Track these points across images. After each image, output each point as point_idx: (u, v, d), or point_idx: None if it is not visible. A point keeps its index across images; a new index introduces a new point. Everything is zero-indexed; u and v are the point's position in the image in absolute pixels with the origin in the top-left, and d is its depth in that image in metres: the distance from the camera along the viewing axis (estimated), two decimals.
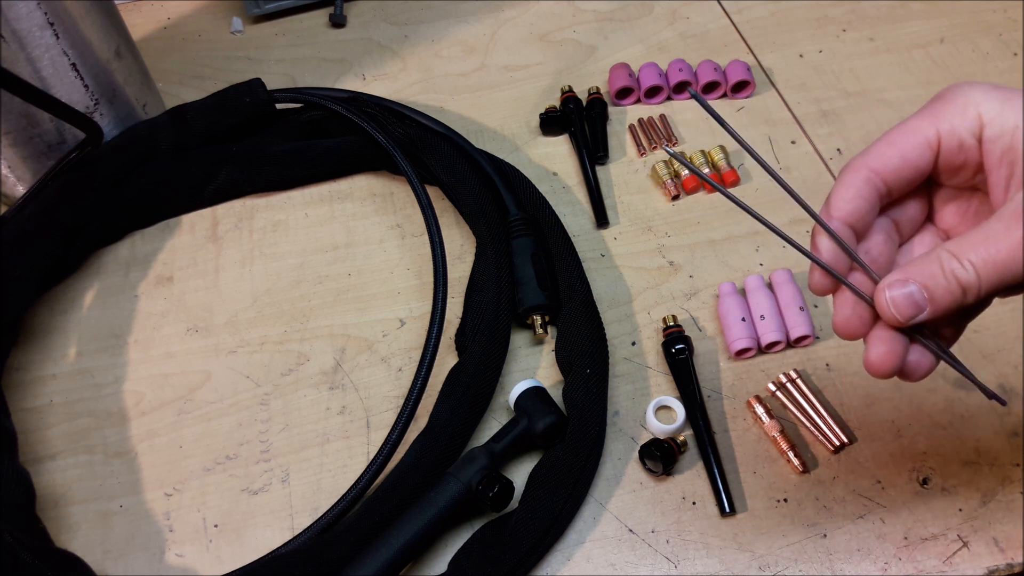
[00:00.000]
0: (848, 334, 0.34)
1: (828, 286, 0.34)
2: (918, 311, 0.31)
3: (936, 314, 0.31)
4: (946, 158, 0.33)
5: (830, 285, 0.34)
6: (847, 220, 0.33)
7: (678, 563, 0.44)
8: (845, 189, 0.33)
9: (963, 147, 0.32)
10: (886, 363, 0.33)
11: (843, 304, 0.34)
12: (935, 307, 0.31)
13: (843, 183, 0.34)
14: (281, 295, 0.55)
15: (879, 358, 0.33)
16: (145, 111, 0.61)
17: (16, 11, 0.49)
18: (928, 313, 0.31)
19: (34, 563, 0.41)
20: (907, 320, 0.32)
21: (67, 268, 0.56)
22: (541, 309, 0.51)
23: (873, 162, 0.33)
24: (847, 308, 0.34)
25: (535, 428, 0.46)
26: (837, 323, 0.34)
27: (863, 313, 0.33)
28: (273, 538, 0.46)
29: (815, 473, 0.46)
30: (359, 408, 0.50)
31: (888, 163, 0.33)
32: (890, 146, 0.33)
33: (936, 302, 0.31)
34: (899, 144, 0.33)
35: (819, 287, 0.34)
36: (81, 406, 0.51)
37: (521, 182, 0.57)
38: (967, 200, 0.35)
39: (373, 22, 0.72)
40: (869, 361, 0.33)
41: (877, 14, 0.69)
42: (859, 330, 0.34)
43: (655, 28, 0.69)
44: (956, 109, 0.32)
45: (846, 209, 0.33)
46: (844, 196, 0.33)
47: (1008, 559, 0.43)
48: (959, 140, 0.32)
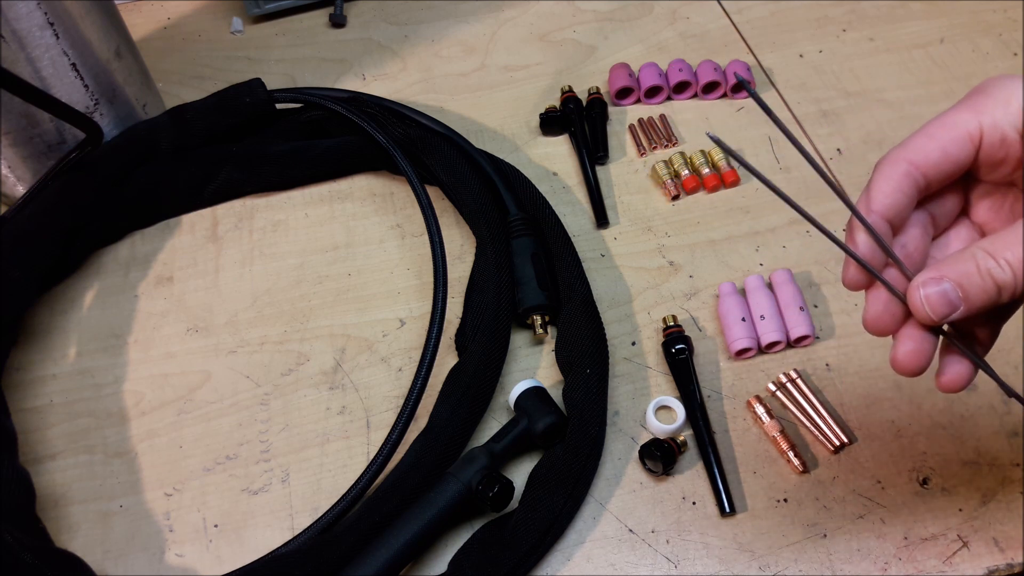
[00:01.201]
0: (878, 330, 0.33)
1: (862, 281, 0.33)
2: (952, 309, 0.31)
3: (970, 312, 0.31)
4: (987, 152, 0.32)
5: (864, 280, 0.33)
6: (885, 215, 0.32)
7: (678, 563, 0.44)
8: (884, 182, 0.32)
9: (1005, 141, 0.31)
10: (914, 361, 0.32)
11: (875, 300, 0.33)
12: (969, 305, 0.30)
13: (882, 176, 0.32)
14: (281, 295, 0.55)
15: (906, 356, 0.32)
16: (145, 111, 0.61)
17: (16, 11, 0.49)
18: (962, 312, 0.31)
19: (34, 563, 0.41)
20: (940, 318, 0.31)
21: (67, 268, 0.56)
22: (541, 309, 0.51)
23: (913, 155, 0.32)
24: (879, 304, 0.33)
25: (535, 428, 0.46)
26: (868, 319, 0.33)
27: (895, 310, 0.33)
28: (273, 538, 0.46)
29: (815, 473, 0.46)
30: (359, 408, 0.50)
31: (928, 157, 0.32)
32: (930, 139, 0.32)
33: (971, 300, 0.30)
34: (939, 137, 0.32)
35: (853, 282, 0.34)
36: (81, 406, 0.51)
37: (521, 182, 0.57)
38: (1003, 196, 0.35)
39: (373, 22, 0.72)
40: (897, 359, 0.32)
41: (877, 14, 0.69)
42: (889, 327, 0.33)
43: (655, 28, 0.69)
44: (999, 102, 0.31)
45: (885, 203, 0.32)
46: (883, 190, 0.32)
47: (1008, 559, 0.43)
48: (1001, 134, 0.31)
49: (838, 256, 0.55)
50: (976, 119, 0.31)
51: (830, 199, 0.58)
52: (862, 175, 0.59)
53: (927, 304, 0.31)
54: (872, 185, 0.33)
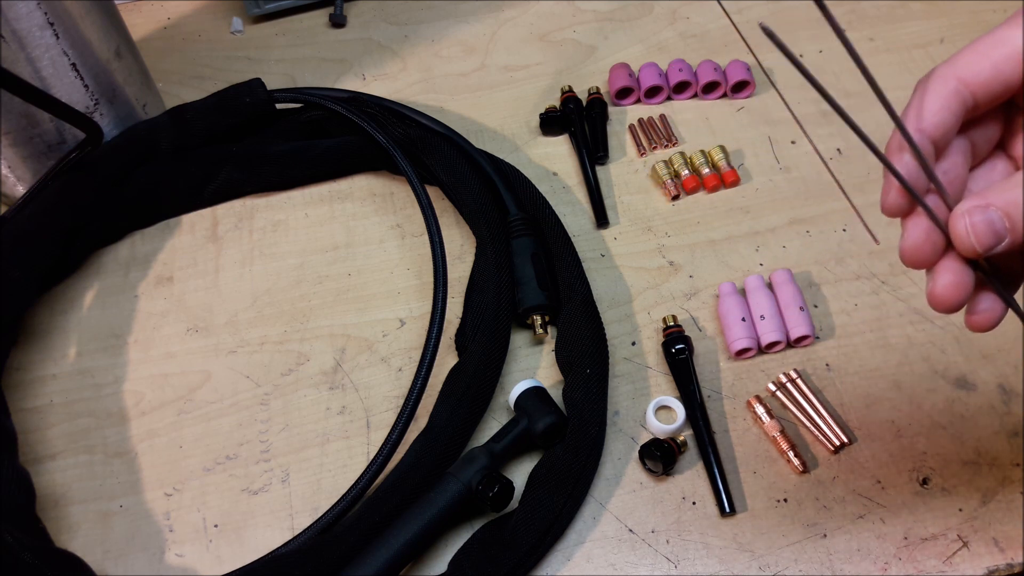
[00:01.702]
0: (916, 261, 0.31)
1: (905, 206, 0.31)
2: (998, 240, 0.29)
3: (1016, 244, 0.29)
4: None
5: (906, 205, 0.31)
6: (932, 134, 0.30)
7: (678, 563, 0.44)
8: (933, 99, 0.30)
9: None
10: (953, 295, 0.30)
11: (915, 227, 0.31)
12: (1015, 236, 0.28)
13: (931, 92, 0.30)
14: (281, 295, 0.55)
15: (945, 289, 0.30)
16: (145, 111, 0.61)
17: (16, 11, 0.49)
18: (1008, 243, 0.29)
19: (34, 563, 0.41)
20: (985, 249, 0.29)
21: (67, 268, 0.56)
22: (541, 309, 0.51)
23: (963, 71, 0.30)
24: (920, 232, 0.30)
25: (535, 428, 0.46)
26: (906, 248, 0.31)
27: (936, 239, 0.30)
28: (273, 538, 0.46)
29: (815, 473, 0.46)
30: (359, 408, 0.50)
31: (979, 74, 0.30)
32: (981, 56, 0.30)
33: (1017, 231, 0.28)
34: (990, 54, 0.30)
35: (895, 206, 0.31)
36: (81, 406, 0.51)
37: (521, 182, 0.57)
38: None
39: (373, 22, 0.72)
40: (935, 293, 0.30)
41: (877, 14, 0.69)
42: (929, 258, 0.31)
43: (655, 28, 0.69)
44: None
45: (932, 121, 0.30)
46: (932, 108, 0.30)
47: (1008, 559, 0.43)
48: None
49: (838, 256, 0.55)
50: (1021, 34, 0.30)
51: (832, 198, 0.58)
52: (861, 175, 0.59)
53: (972, 232, 0.29)
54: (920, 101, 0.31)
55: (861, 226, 0.56)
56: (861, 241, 0.55)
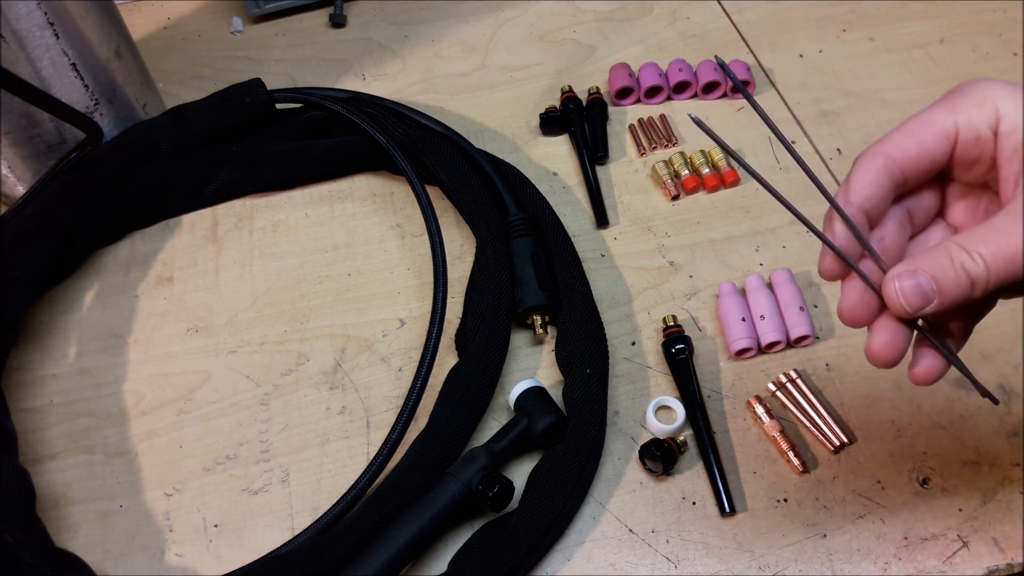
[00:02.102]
0: (853, 321, 0.34)
1: (838, 271, 0.34)
2: (926, 302, 0.31)
3: (943, 306, 0.31)
4: (962, 151, 0.33)
5: (840, 270, 0.34)
6: (863, 206, 0.33)
7: (678, 563, 0.44)
8: (863, 175, 0.33)
9: (980, 140, 0.32)
10: (888, 352, 0.33)
11: (851, 291, 0.33)
12: (943, 299, 0.31)
13: (861, 169, 0.33)
14: (281, 295, 0.55)
15: (881, 347, 0.33)
16: (145, 111, 0.61)
17: (16, 11, 0.49)
18: (936, 305, 0.31)
19: (34, 563, 0.41)
20: (915, 311, 0.31)
21: (67, 268, 0.56)
22: (541, 309, 0.51)
23: (892, 150, 0.33)
24: (855, 295, 0.33)
25: (535, 428, 0.46)
26: (843, 309, 0.34)
27: (870, 301, 0.33)
28: (273, 538, 0.46)
29: (815, 473, 0.46)
30: (359, 408, 0.50)
31: (907, 152, 0.33)
32: (909, 135, 0.33)
33: (944, 294, 0.31)
34: (918, 134, 0.33)
35: (829, 271, 0.34)
36: (81, 406, 0.51)
37: (521, 182, 0.57)
38: (977, 198, 0.35)
39: (373, 22, 0.72)
40: (871, 350, 0.33)
41: (877, 14, 0.69)
42: (864, 318, 0.33)
43: (655, 28, 0.69)
44: (974, 102, 0.32)
45: (863, 195, 0.33)
46: (861, 182, 0.33)
47: (1008, 559, 0.43)
48: (976, 133, 0.32)
49: None
50: (952, 117, 0.32)
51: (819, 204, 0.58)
52: None
53: (902, 296, 0.31)
54: (850, 177, 0.33)
55: None
56: None
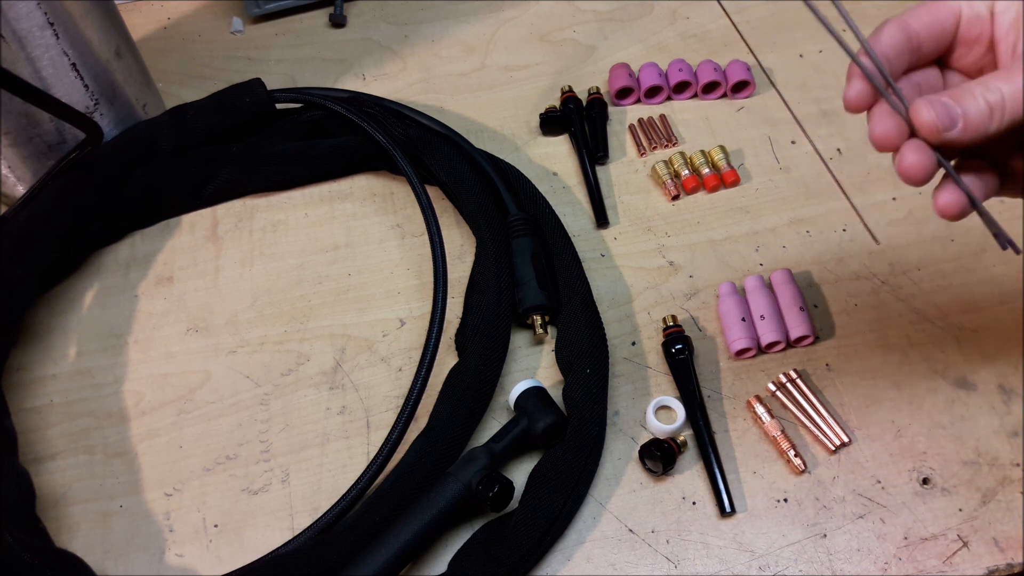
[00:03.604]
0: (885, 142, 0.36)
1: (867, 98, 0.36)
2: (952, 124, 0.34)
3: (967, 133, 0.34)
4: (965, 28, 0.38)
5: (869, 97, 0.36)
6: (886, 53, 0.37)
7: (678, 563, 0.44)
8: (887, 31, 0.37)
9: (979, 18, 0.37)
10: (918, 168, 0.35)
11: (881, 115, 0.36)
12: (967, 123, 0.34)
13: (884, 28, 0.37)
14: (281, 295, 0.55)
15: (912, 164, 0.35)
16: (145, 111, 0.61)
17: (16, 11, 0.49)
18: (960, 129, 0.34)
19: (34, 563, 0.41)
20: (944, 129, 0.34)
21: (67, 268, 0.56)
22: (541, 309, 0.51)
23: (909, 18, 0.37)
24: (885, 117, 0.36)
25: (535, 428, 0.46)
26: (875, 131, 0.36)
27: (900, 123, 0.36)
28: (273, 538, 0.46)
29: (815, 473, 0.46)
30: (359, 408, 0.50)
31: (920, 20, 0.37)
32: (923, 9, 0.38)
33: (969, 119, 0.34)
34: (931, 9, 0.38)
35: (858, 98, 0.36)
36: (81, 406, 0.51)
37: (521, 182, 0.57)
38: None
39: (373, 22, 0.72)
40: (903, 166, 0.35)
41: (877, 14, 0.69)
42: (896, 140, 0.36)
43: (655, 28, 0.69)
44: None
45: (886, 43, 0.37)
46: (884, 34, 0.37)
47: (1008, 559, 0.43)
48: (976, 13, 0.37)
49: (838, 256, 0.55)
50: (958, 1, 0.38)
51: (831, 198, 0.58)
52: (861, 175, 0.59)
53: (932, 112, 0.34)
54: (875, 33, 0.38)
55: (861, 226, 0.56)
56: (861, 241, 0.55)
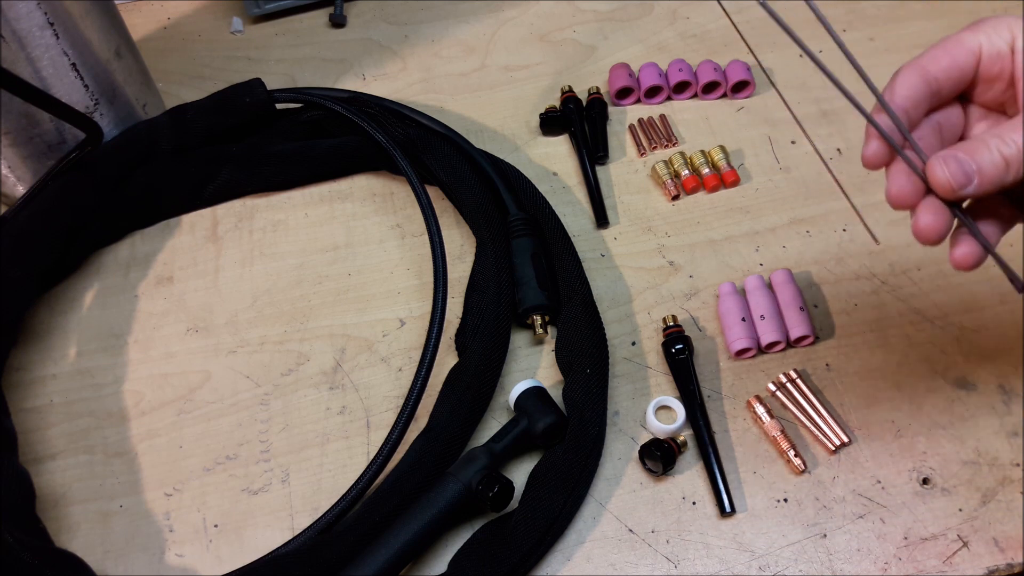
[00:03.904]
0: (901, 202, 0.36)
1: (883, 156, 0.36)
2: (968, 180, 0.34)
3: (983, 187, 0.34)
4: (985, 66, 0.37)
5: (885, 155, 0.36)
6: (903, 105, 0.36)
7: (678, 563, 0.44)
8: (903, 80, 0.37)
9: (1000, 56, 0.37)
10: (932, 230, 0.35)
11: (897, 174, 0.36)
12: (982, 179, 0.34)
13: (902, 76, 0.37)
14: (281, 295, 0.55)
15: (927, 225, 0.35)
16: (145, 111, 0.61)
17: (16, 11, 0.49)
18: (976, 185, 0.34)
19: (34, 563, 0.41)
20: (959, 187, 0.34)
21: (67, 268, 0.56)
22: (541, 309, 0.51)
23: (927, 63, 0.37)
24: (902, 177, 0.36)
25: (535, 428, 0.46)
26: (891, 191, 0.36)
27: (916, 183, 0.36)
28: (273, 538, 0.46)
29: (815, 473, 0.46)
30: (359, 408, 0.50)
31: (939, 64, 0.37)
32: (941, 51, 0.37)
33: (984, 174, 0.34)
34: (949, 50, 0.37)
35: (875, 156, 0.36)
36: (81, 406, 0.51)
37: (521, 182, 0.57)
38: (996, 120, 0.39)
39: (373, 22, 0.72)
40: (918, 227, 0.35)
41: (877, 14, 0.69)
42: (911, 199, 0.36)
43: (655, 28, 0.69)
44: (993, 27, 0.37)
45: (903, 95, 0.36)
46: (902, 85, 0.37)
47: (1008, 559, 0.43)
48: (997, 50, 0.37)
49: (838, 256, 0.55)
50: (977, 38, 0.37)
51: (830, 199, 0.58)
52: (862, 175, 0.59)
53: (947, 172, 0.34)
54: (892, 83, 0.38)
55: (861, 226, 0.56)
56: (861, 241, 0.55)
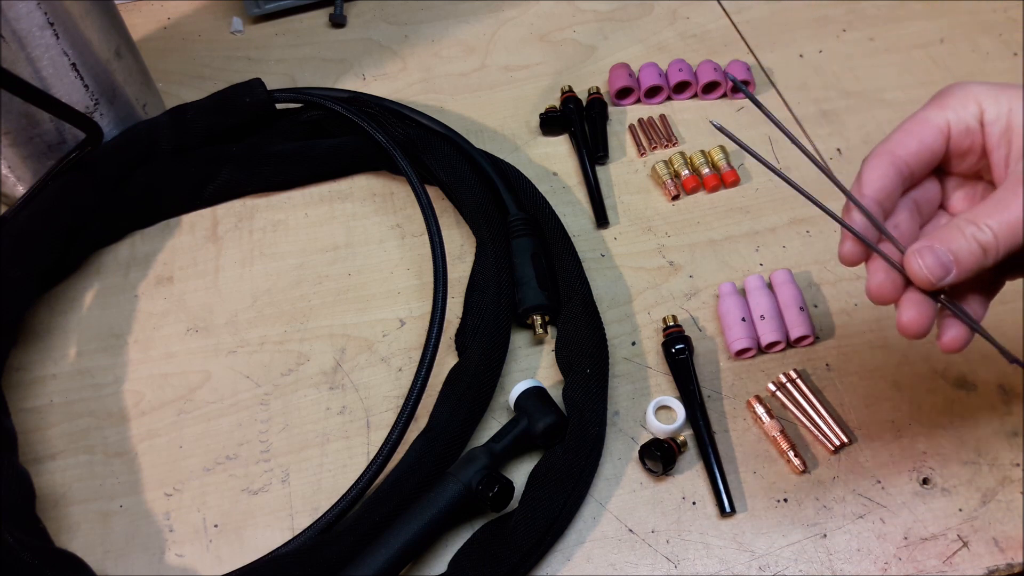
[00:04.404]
0: (881, 299, 0.36)
1: (860, 255, 0.37)
2: (946, 272, 0.34)
3: (961, 275, 0.34)
4: (956, 142, 0.37)
5: (861, 254, 0.36)
6: (876, 197, 0.36)
7: (678, 563, 0.44)
8: (873, 171, 0.36)
9: (969, 131, 0.36)
10: (917, 325, 0.35)
11: (876, 271, 0.36)
12: (960, 268, 0.34)
13: (870, 167, 0.37)
14: (281, 295, 0.55)
15: (910, 320, 0.35)
16: (145, 111, 0.61)
17: (16, 11, 0.49)
18: (955, 274, 0.34)
19: (34, 563, 0.41)
20: (937, 280, 0.34)
21: (67, 268, 0.56)
22: (541, 309, 0.51)
23: (895, 147, 0.37)
24: (880, 274, 0.36)
25: (535, 428, 0.46)
26: (871, 288, 0.36)
27: (896, 279, 0.36)
28: (273, 538, 0.46)
29: (815, 473, 0.46)
30: (359, 408, 0.50)
31: (909, 148, 0.37)
32: (908, 134, 0.37)
33: (961, 263, 0.34)
34: (916, 132, 0.37)
35: (850, 256, 0.37)
36: (81, 406, 0.51)
37: (521, 182, 0.57)
38: (973, 187, 0.39)
39: (373, 22, 0.72)
40: (902, 323, 0.35)
41: (877, 14, 0.69)
42: (891, 295, 0.36)
43: (655, 28, 0.69)
44: (959, 101, 0.36)
45: (875, 187, 0.36)
46: (872, 177, 0.36)
47: (1008, 559, 0.43)
48: (965, 125, 0.36)
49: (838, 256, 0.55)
50: (943, 114, 0.36)
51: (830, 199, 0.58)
52: None
53: (924, 268, 0.34)
54: (861, 175, 0.37)
55: None
56: None
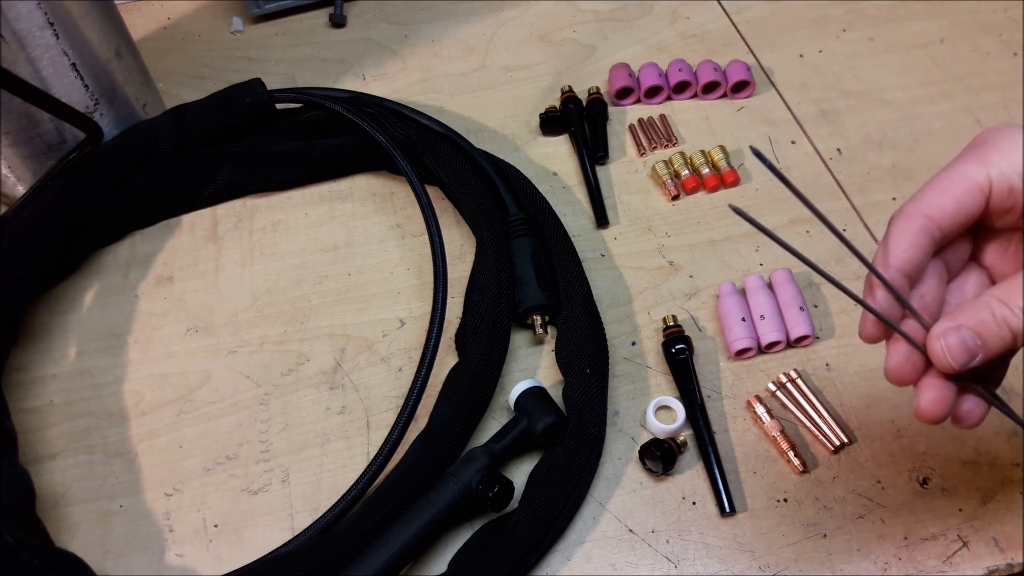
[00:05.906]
0: (900, 381, 0.34)
1: (880, 335, 0.34)
2: (971, 357, 0.32)
3: (987, 359, 0.32)
4: (996, 202, 0.33)
5: (882, 334, 0.34)
6: (903, 269, 0.33)
7: (678, 563, 0.44)
8: (902, 238, 0.33)
9: (1013, 191, 0.32)
10: (937, 410, 0.33)
11: (896, 351, 0.34)
12: (987, 352, 0.31)
13: (899, 232, 0.33)
14: (281, 295, 0.55)
15: (930, 405, 0.33)
16: (145, 111, 0.61)
17: (16, 11, 0.49)
18: (981, 359, 0.32)
19: (34, 563, 0.41)
20: (961, 366, 0.32)
21: (67, 268, 0.56)
22: (541, 309, 0.51)
23: (928, 209, 0.33)
24: (900, 355, 0.33)
25: (535, 428, 0.46)
26: (890, 369, 0.34)
27: (916, 360, 0.33)
28: (273, 538, 0.46)
29: (815, 473, 0.46)
30: (359, 408, 0.50)
31: (943, 210, 0.33)
32: (943, 193, 0.33)
33: (989, 348, 0.31)
34: (952, 190, 0.33)
35: (871, 336, 0.34)
36: (81, 406, 0.51)
37: (521, 182, 0.57)
38: (1008, 239, 0.36)
39: (373, 22, 0.72)
40: (920, 408, 0.33)
41: (877, 14, 0.69)
42: (911, 377, 0.33)
43: (655, 28, 0.69)
44: (1003, 152, 0.32)
45: (903, 258, 0.33)
46: (901, 245, 0.33)
47: (1008, 559, 0.43)
48: (1010, 184, 0.32)
49: (838, 256, 0.55)
50: (984, 170, 0.32)
51: (830, 199, 0.58)
52: (861, 175, 0.59)
53: (948, 353, 0.32)
54: (889, 240, 0.33)
55: (861, 226, 0.56)
56: (861, 241, 0.55)
